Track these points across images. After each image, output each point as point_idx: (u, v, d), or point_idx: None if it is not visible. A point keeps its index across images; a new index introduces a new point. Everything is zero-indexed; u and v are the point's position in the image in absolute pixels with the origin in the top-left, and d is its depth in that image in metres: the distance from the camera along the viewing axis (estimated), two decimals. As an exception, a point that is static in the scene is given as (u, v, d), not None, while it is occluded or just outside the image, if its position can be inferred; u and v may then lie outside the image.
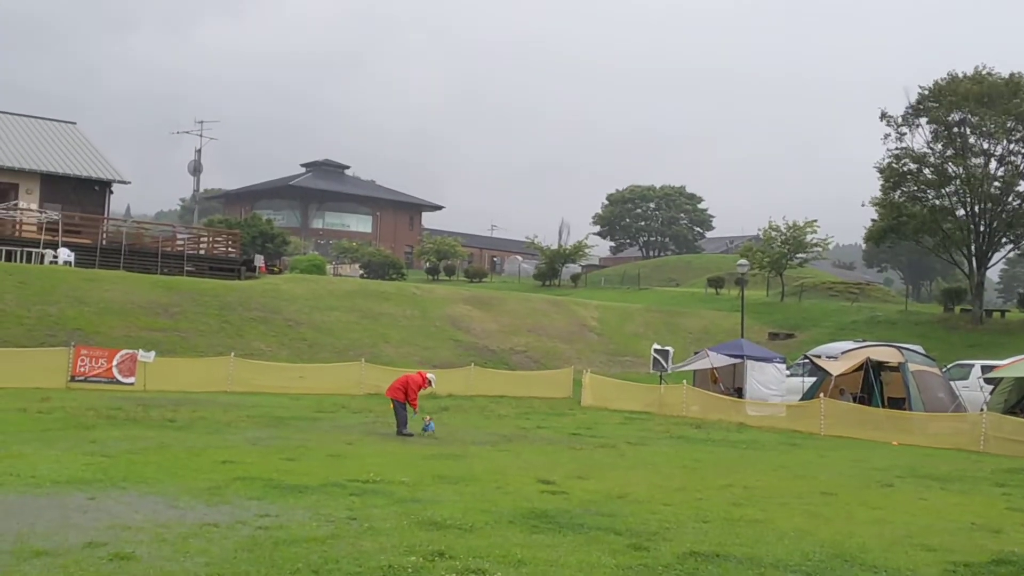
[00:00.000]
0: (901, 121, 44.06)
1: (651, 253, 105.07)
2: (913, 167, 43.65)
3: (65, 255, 34.59)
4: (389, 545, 7.66)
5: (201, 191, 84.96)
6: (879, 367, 24.50)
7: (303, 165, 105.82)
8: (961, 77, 42.77)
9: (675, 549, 8.08)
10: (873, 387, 24.02)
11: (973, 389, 25.36)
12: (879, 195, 45.16)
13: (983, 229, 42.93)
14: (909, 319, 44.99)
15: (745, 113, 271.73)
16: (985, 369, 25.83)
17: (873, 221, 46.53)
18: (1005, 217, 42.54)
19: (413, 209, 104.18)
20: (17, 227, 37.24)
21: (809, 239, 53.91)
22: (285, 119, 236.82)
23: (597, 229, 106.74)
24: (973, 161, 42.30)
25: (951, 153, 42.59)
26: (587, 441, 17.69)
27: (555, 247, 67.92)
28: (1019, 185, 42.46)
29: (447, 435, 17.08)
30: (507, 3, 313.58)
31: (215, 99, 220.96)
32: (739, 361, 27.39)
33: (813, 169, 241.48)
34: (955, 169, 42.44)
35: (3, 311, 27.04)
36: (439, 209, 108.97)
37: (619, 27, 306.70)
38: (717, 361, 27.72)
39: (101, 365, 23.24)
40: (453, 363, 31.83)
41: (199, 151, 73.90)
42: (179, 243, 42.44)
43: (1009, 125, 41.09)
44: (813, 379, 25.69)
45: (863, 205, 46.92)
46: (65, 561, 6.76)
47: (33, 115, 47.48)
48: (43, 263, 33.89)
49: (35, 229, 36.92)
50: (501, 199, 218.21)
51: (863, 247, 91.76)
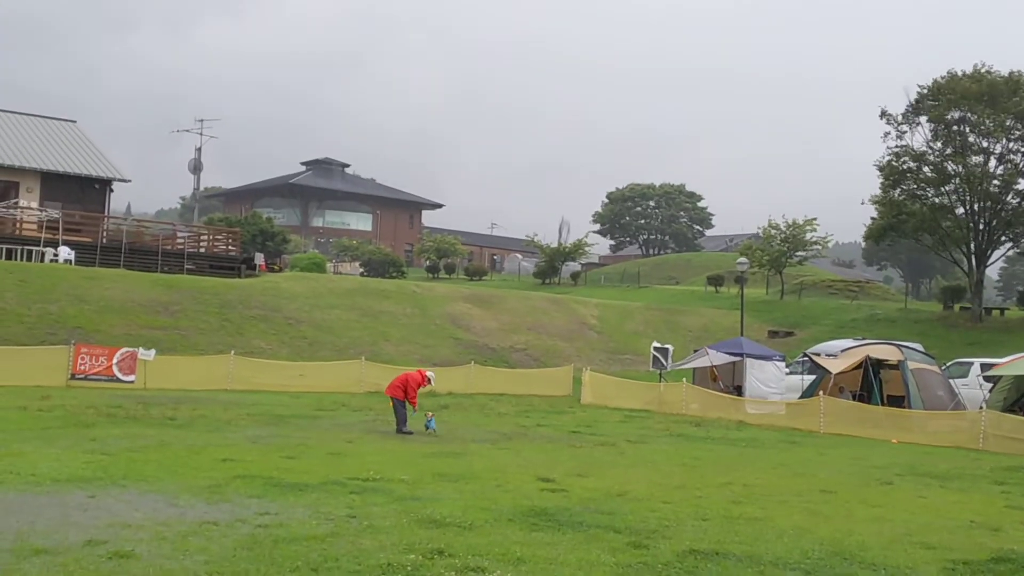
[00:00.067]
0: (901, 119, 44.06)
1: (651, 251, 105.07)
2: (913, 165, 43.64)
3: (65, 253, 34.59)
4: (389, 543, 7.67)
5: (201, 189, 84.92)
6: (878, 365, 24.52)
7: (303, 163, 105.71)
8: (961, 75, 42.74)
9: (674, 547, 8.09)
10: (872, 385, 24.03)
11: (972, 387, 25.37)
12: (879, 193, 45.18)
13: (982, 227, 42.93)
14: (908, 317, 45.00)
15: (745, 113, 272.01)
16: (984, 367, 25.83)
17: (873, 219, 46.53)
18: (1004, 215, 42.55)
19: (413, 207, 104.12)
20: (17, 225, 37.23)
21: (809, 237, 53.94)
22: (285, 119, 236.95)
23: (597, 227, 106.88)
24: (972, 159, 42.29)
25: (950, 151, 42.58)
26: (587, 439, 17.71)
27: (555, 245, 67.89)
28: (1018, 183, 42.43)
29: (447, 433, 17.09)
30: (507, 3, 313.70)
31: (215, 99, 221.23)
32: (739, 359, 27.41)
33: (813, 169, 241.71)
34: (954, 167, 42.44)
35: (3, 309, 27.06)
36: (439, 207, 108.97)
37: (619, 27, 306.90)
38: (717, 359, 27.74)
39: (101, 363, 23.25)
40: (453, 361, 31.85)
41: (199, 149, 73.85)
42: (179, 241, 42.45)
43: (1008, 123, 41.07)
44: (812, 377, 25.68)
45: (863, 203, 46.94)
46: (65, 559, 6.77)
47: (33, 114, 47.48)
48: (43, 261, 33.90)
49: (35, 227, 36.91)
50: (501, 198, 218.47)
51: (863, 245, 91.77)
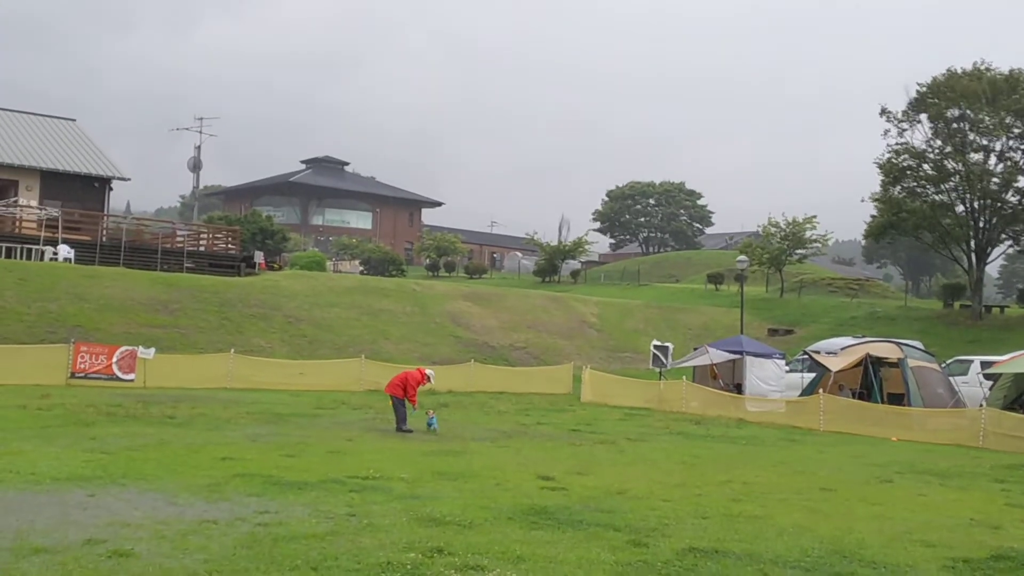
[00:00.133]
0: (901, 117, 44.05)
1: (651, 249, 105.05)
2: (913, 163, 43.62)
3: (65, 252, 34.56)
4: (388, 542, 7.67)
5: (201, 188, 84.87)
6: (878, 363, 24.50)
7: (303, 161, 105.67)
8: (960, 73, 42.72)
9: (674, 545, 8.09)
10: (872, 383, 24.00)
11: (972, 385, 25.35)
12: (879, 191, 45.17)
13: (982, 225, 42.91)
14: (908, 315, 45.00)
15: (745, 112, 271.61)
16: (984, 365, 25.81)
17: (873, 217, 46.52)
18: (1004, 213, 42.50)
19: (413, 205, 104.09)
20: (17, 224, 37.19)
21: (808, 235, 53.91)
22: (285, 118, 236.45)
23: (597, 225, 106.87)
24: (972, 157, 42.27)
25: (950, 149, 42.56)
26: (587, 437, 17.71)
27: (555, 243, 67.91)
28: (1018, 181, 42.40)
29: (447, 431, 17.09)
30: (507, 4, 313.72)
31: (215, 98, 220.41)
32: (738, 357, 27.40)
33: (813, 167, 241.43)
34: (954, 165, 42.42)
35: (3, 308, 27.04)
36: (439, 206, 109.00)
37: (619, 27, 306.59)
38: (716, 357, 27.73)
39: (101, 362, 23.24)
40: (453, 359, 31.84)
41: (198, 148, 73.78)
42: (179, 240, 42.42)
43: (1008, 121, 41.03)
44: (812, 375, 25.68)
45: (863, 200, 46.93)
46: (64, 558, 6.76)
47: (33, 112, 47.44)
48: (43, 260, 33.86)
49: (35, 226, 36.87)
50: (501, 196, 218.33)
51: (863, 243, 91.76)
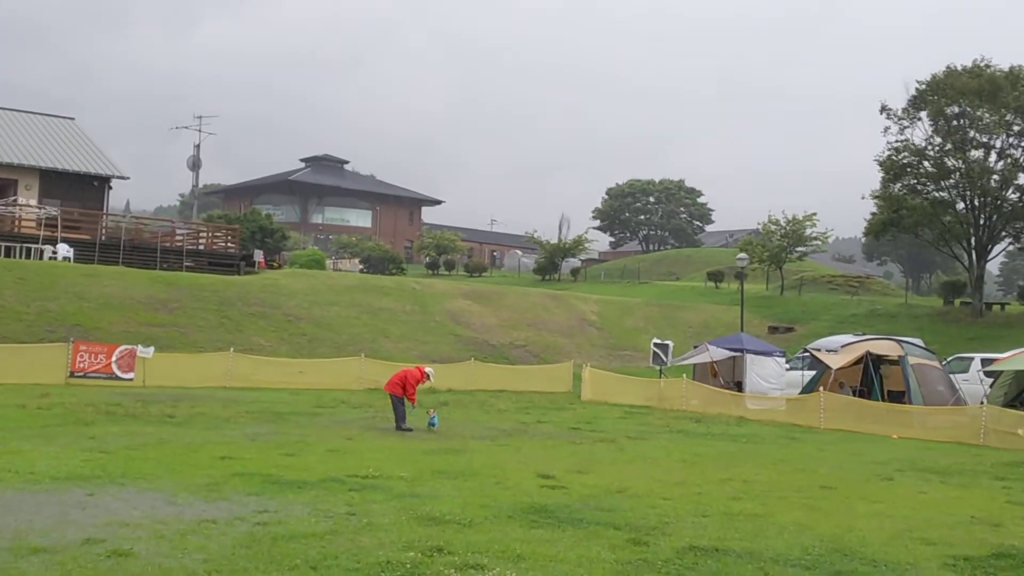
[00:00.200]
0: (901, 114, 43.99)
1: (651, 247, 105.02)
2: (912, 160, 43.56)
3: (64, 251, 34.54)
4: (388, 541, 7.66)
5: (200, 186, 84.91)
6: (879, 360, 24.49)
7: (302, 160, 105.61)
8: (960, 70, 42.62)
9: (674, 543, 8.08)
10: (873, 381, 24.00)
11: (973, 382, 25.31)
12: (879, 188, 45.13)
13: (983, 222, 42.85)
14: (909, 312, 44.98)
15: (745, 111, 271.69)
16: (985, 362, 25.78)
17: (873, 214, 46.48)
18: (1005, 210, 42.43)
19: (413, 204, 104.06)
20: (16, 223, 37.17)
21: (808, 233, 53.86)
22: (284, 118, 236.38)
23: (597, 223, 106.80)
24: (972, 154, 42.21)
25: (950, 147, 42.50)
26: (587, 435, 17.69)
27: (555, 241, 67.86)
28: (1018, 179, 42.33)
29: (446, 430, 17.08)
30: (506, 5, 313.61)
31: (214, 97, 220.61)
32: (739, 355, 27.39)
33: (813, 168, 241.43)
34: (954, 162, 42.37)
35: (2, 307, 27.02)
36: (439, 204, 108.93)
37: (619, 27, 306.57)
38: (717, 355, 27.72)
39: (100, 361, 23.23)
40: (453, 358, 31.82)
41: (198, 146, 73.83)
42: (178, 238, 42.41)
43: (1008, 118, 40.97)
44: (813, 373, 25.66)
45: (863, 198, 46.88)
46: (63, 558, 6.74)
47: (32, 111, 47.41)
48: (42, 259, 33.84)
49: (34, 225, 36.85)
50: (501, 194, 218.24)
51: (863, 240, 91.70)
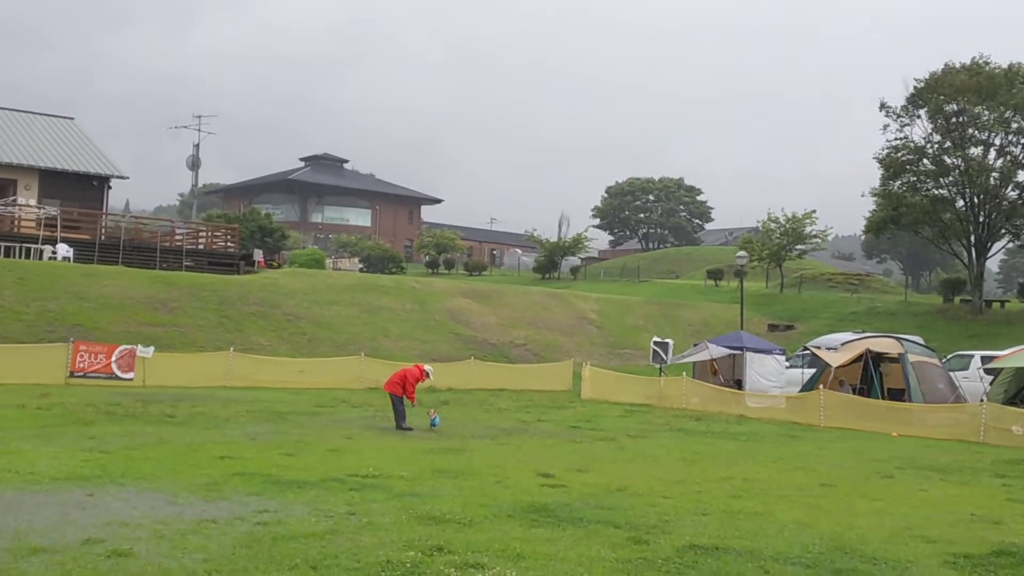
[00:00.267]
0: (900, 112, 43.95)
1: (650, 245, 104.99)
2: (912, 158, 43.52)
3: (64, 251, 34.53)
4: (388, 540, 7.65)
5: (200, 186, 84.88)
6: (879, 358, 24.48)
7: (302, 159, 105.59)
8: (958, 68, 42.58)
9: (675, 542, 8.08)
10: (873, 378, 23.99)
11: (973, 380, 25.33)
12: (878, 186, 45.10)
13: (982, 220, 42.81)
14: (909, 310, 44.97)
15: (745, 110, 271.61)
16: (985, 360, 25.80)
17: (872, 212, 46.46)
18: (1004, 208, 42.40)
19: (412, 203, 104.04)
20: (16, 223, 37.15)
21: (808, 230, 53.88)
22: (283, 118, 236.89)
23: (597, 222, 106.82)
24: (972, 151, 42.18)
25: (949, 144, 42.46)
26: (587, 434, 17.68)
27: (554, 240, 67.86)
28: (1017, 176, 42.31)
29: (446, 429, 17.07)
30: (507, 6, 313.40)
31: (213, 97, 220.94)
32: (738, 353, 27.38)
33: (813, 169, 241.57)
34: (953, 160, 42.33)
35: (2, 307, 27.01)
36: (438, 203, 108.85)
37: (619, 27, 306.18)
38: (716, 353, 27.72)
39: (100, 361, 23.21)
40: (452, 357, 31.80)
41: (197, 146, 73.81)
42: (178, 238, 42.39)
43: (1007, 116, 40.93)
44: (813, 370, 25.65)
45: (863, 195, 46.91)
46: (63, 558, 6.74)
47: (31, 111, 47.38)
48: (42, 259, 33.83)
49: (34, 225, 36.84)
50: (500, 193, 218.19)
51: (862, 238, 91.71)
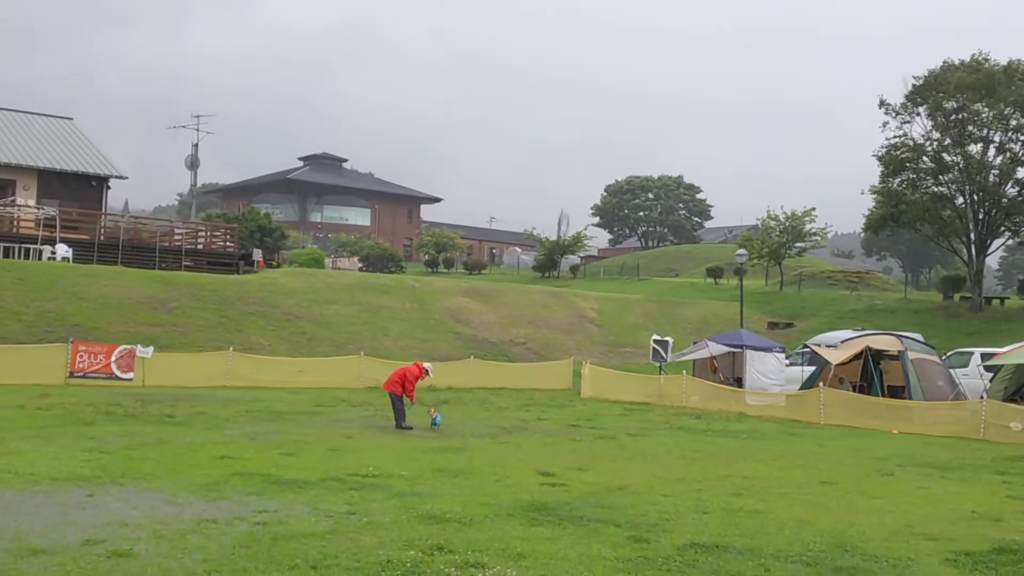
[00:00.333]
0: (899, 109, 43.93)
1: (650, 244, 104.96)
2: (911, 155, 43.49)
3: (63, 251, 34.50)
4: (388, 540, 7.65)
5: (199, 186, 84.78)
6: (878, 356, 24.47)
7: (301, 159, 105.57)
8: (957, 65, 42.55)
9: (675, 540, 8.07)
10: (873, 376, 24.00)
11: (973, 377, 25.33)
12: (878, 183, 45.08)
13: (982, 217, 42.80)
14: (908, 307, 44.95)
15: (745, 110, 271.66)
16: (985, 357, 25.81)
17: (872, 209, 46.45)
18: (1004, 205, 42.36)
19: (412, 202, 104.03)
20: (15, 223, 37.13)
21: (808, 228, 53.86)
22: (282, 117, 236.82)
23: (596, 220, 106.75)
24: (971, 149, 42.16)
25: (948, 142, 42.44)
26: (587, 433, 17.68)
27: (554, 239, 67.84)
28: (1017, 173, 42.29)
29: (446, 428, 17.06)
30: (507, 7, 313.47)
31: (212, 98, 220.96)
32: (738, 351, 27.38)
33: (813, 168, 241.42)
34: (953, 157, 42.31)
35: (1, 308, 27.00)
36: (437, 201, 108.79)
37: (618, 28, 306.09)
38: (716, 351, 27.71)
39: (100, 361, 23.19)
40: (452, 356, 31.79)
41: (196, 145, 73.62)
42: (177, 238, 42.38)
43: (1007, 112, 40.90)
44: (812, 368, 25.67)
45: (862, 193, 46.90)
46: (63, 559, 6.73)
47: (30, 111, 47.36)
48: (41, 259, 33.80)
49: (33, 225, 36.83)
50: (500, 192, 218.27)
51: (862, 236, 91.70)
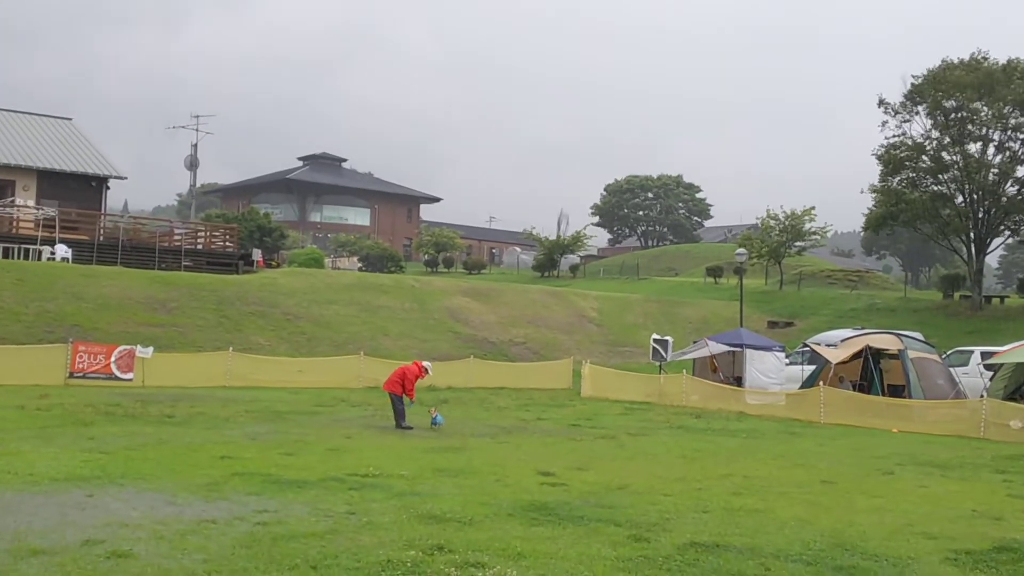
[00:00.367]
0: (899, 108, 43.91)
1: (650, 243, 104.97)
2: (911, 154, 43.47)
3: (62, 251, 34.48)
4: (388, 539, 7.64)
5: (198, 186, 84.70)
6: (878, 354, 24.47)
7: (300, 158, 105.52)
8: (956, 64, 42.53)
9: (675, 540, 8.07)
10: (873, 375, 24.00)
11: (973, 375, 25.34)
12: (877, 182, 45.07)
13: (981, 216, 42.78)
14: (908, 306, 44.95)
15: (745, 109, 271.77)
16: (985, 355, 25.80)
17: (871, 208, 46.43)
18: (1003, 204, 42.34)
19: (411, 201, 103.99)
20: (14, 224, 37.10)
21: (807, 227, 53.85)
22: (282, 117, 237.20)
23: (596, 220, 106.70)
24: (970, 148, 42.13)
25: (948, 141, 42.42)
26: (587, 432, 17.68)
27: (554, 238, 67.81)
28: (1016, 172, 42.27)
29: (446, 427, 17.06)
30: (508, 8, 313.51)
31: (212, 98, 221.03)
32: (738, 350, 27.37)
33: (812, 168, 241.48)
34: (952, 156, 42.30)
35: (1, 308, 26.99)
36: (437, 201, 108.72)
37: (618, 29, 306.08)
38: (716, 350, 27.70)
39: (99, 361, 23.19)
40: (452, 355, 31.78)
41: (195, 146, 73.53)
42: (176, 238, 42.37)
43: (1006, 111, 40.87)
44: (812, 367, 25.66)
45: (862, 191, 46.89)
46: (63, 559, 6.72)
47: (29, 111, 47.34)
48: (40, 259, 33.80)
49: (32, 226, 36.81)
50: (499, 192, 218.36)
51: (861, 235, 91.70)
